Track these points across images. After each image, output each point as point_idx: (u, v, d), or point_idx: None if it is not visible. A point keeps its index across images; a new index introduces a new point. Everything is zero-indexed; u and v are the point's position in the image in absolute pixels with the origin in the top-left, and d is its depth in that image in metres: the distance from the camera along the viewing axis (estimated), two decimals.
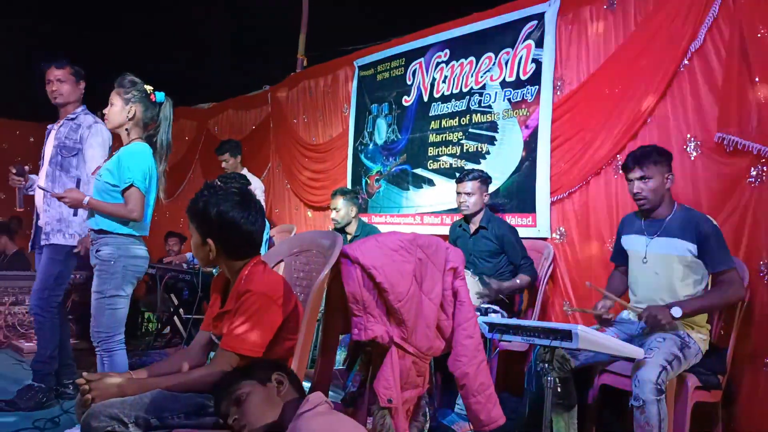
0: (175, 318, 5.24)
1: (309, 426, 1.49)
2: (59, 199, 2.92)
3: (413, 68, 4.92)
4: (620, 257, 3.07)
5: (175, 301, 5.26)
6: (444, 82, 4.63)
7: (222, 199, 1.92)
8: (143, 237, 2.97)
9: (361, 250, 2.14)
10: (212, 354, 2.05)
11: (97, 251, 2.82)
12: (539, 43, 3.97)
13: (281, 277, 2.01)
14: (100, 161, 3.37)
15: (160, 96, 2.98)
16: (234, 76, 7.27)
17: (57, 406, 3.42)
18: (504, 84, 4.19)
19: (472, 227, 3.79)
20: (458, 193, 3.79)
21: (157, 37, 7.79)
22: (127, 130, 2.93)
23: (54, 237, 3.47)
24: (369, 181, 5.29)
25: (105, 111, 2.97)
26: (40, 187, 3.34)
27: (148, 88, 2.97)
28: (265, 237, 4.82)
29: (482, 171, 3.84)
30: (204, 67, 7.85)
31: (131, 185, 2.79)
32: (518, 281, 3.60)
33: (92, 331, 2.84)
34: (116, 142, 3.25)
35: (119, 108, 2.91)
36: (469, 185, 3.73)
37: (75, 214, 3.42)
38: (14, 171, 3.39)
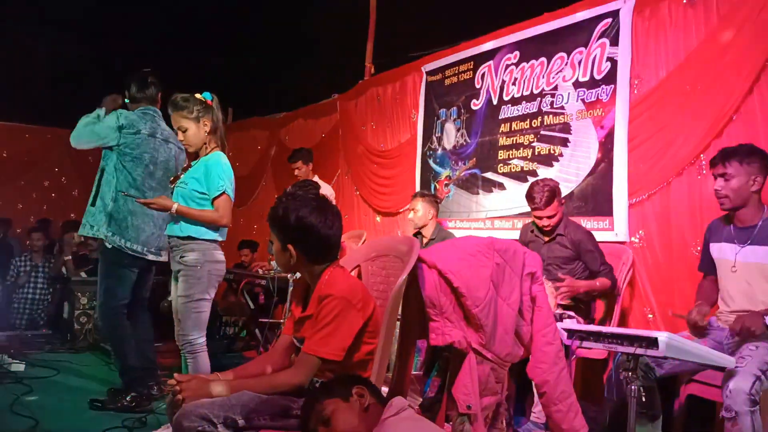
0: (252, 322, 5.37)
1: (395, 431, 1.50)
2: (147, 205, 3.00)
3: (482, 71, 4.88)
4: (709, 266, 2.94)
5: (252, 306, 5.40)
6: (514, 84, 4.58)
7: (300, 205, 1.97)
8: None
9: (438, 254, 2.14)
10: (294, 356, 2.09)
11: (182, 257, 2.93)
12: (614, 41, 3.86)
13: (360, 282, 2.04)
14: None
15: (208, 96, 3.06)
16: (304, 86, 7.41)
17: (144, 407, 3.54)
18: (577, 84, 4.10)
19: (548, 237, 3.69)
20: (539, 218, 3.60)
21: (227, 50, 8.05)
22: (206, 143, 3.04)
23: (99, 230, 3.49)
24: (438, 186, 5.28)
25: (180, 139, 3.06)
26: (124, 193, 3.42)
27: (199, 96, 3.05)
28: None
29: (551, 184, 3.60)
30: (275, 77, 8.04)
31: (223, 193, 2.90)
32: (597, 283, 3.49)
33: (178, 334, 2.95)
34: None
35: (195, 129, 3.00)
36: (548, 210, 3.54)
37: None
38: None
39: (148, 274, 3.72)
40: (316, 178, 5.48)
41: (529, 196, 3.61)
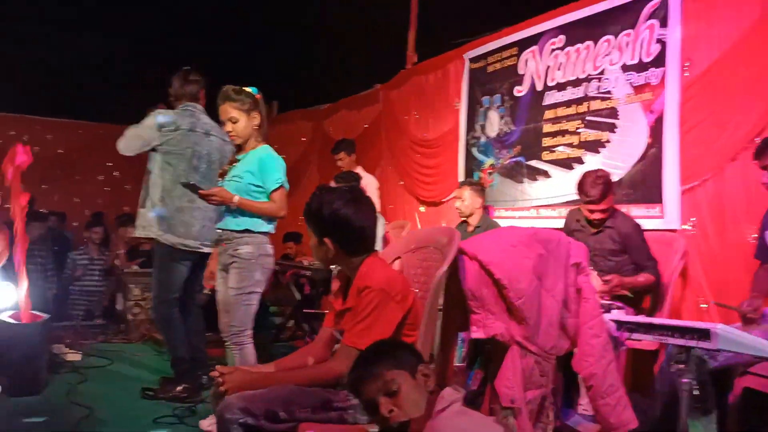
0: (298, 312, 5.43)
1: (453, 428, 1.47)
2: (206, 196, 2.98)
3: (526, 57, 4.78)
4: (765, 254, 2.81)
5: (298, 296, 5.46)
6: (559, 69, 4.46)
7: (334, 198, 1.98)
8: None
9: (479, 245, 2.11)
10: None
11: (236, 250, 2.96)
12: (663, 23, 3.72)
13: (399, 274, 2.03)
14: None
15: (256, 91, 3.07)
16: (346, 77, 7.42)
17: (194, 396, 3.62)
18: (625, 68, 3.96)
19: (595, 228, 3.59)
20: (591, 211, 3.49)
21: (270, 43, 8.11)
22: (252, 136, 3.07)
23: (150, 230, 3.58)
24: (482, 175, 5.21)
25: (228, 129, 3.07)
26: (185, 184, 3.29)
27: (249, 90, 3.06)
28: (381, 233, 4.89)
29: (605, 176, 3.47)
30: (317, 69, 8.07)
31: (281, 186, 2.93)
32: (641, 278, 3.39)
33: (225, 325, 2.99)
34: None
35: (245, 122, 3.01)
36: (603, 204, 3.43)
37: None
38: None
39: (201, 268, 3.78)
40: (359, 169, 5.49)
41: (582, 189, 3.47)
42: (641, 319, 2.63)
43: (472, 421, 1.55)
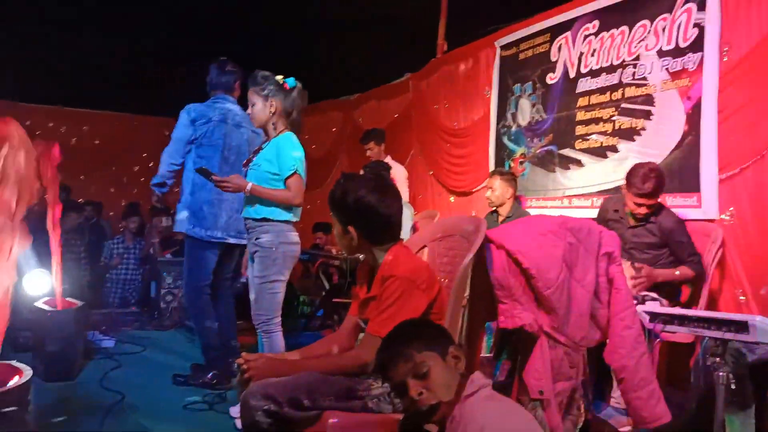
0: (327, 301, 5.45)
1: (483, 413, 1.43)
2: (221, 184, 2.99)
3: (559, 43, 4.68)
4: None
5: (327, 286, 5.47)
6: (592, 55, 4.36)
7: (358, 185, 1.97)
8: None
9: (507, 234, 2.07)
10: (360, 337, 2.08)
11: (257, 239, 2.98)
12: (701, 6, 3.60)
13: (424, 262, 2.00)
14: None
15: (291, 82, 3.07)
16: (376, 66, 7.38)
17: (224, 383, 3.65)
18: (661, 53, 3.85)
19: (635, 222, 3.50)
20: (638, 204, 3.36)
21: (299, 33, 8.10)
22: (273, 124, 3.06)
23: (181, 224, 3.64)
24: (512, 164, 5.14)
25: (248, 111, 3.11)
26: (199, 170, 3.29)
27: (279, 78, 3.06)
28: (410, 223, 4.86)
29: (658, 170, 3.35)
30: (347, 58, 8.05)
31: (295, 172, 2.93)
32: (677, 272, 3.29)
33: (253, 313, 3.01)
34: None
35: (261, 106, 3.03)
36: (654, 199, 3.33)
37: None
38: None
39: (230, 258, 3.82)
40: (388, 159, 5.46)
41: (632, 181, 3.32)
42: (676, 310, 2.55)
43: (502, 407, 1.51)
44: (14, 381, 2.04)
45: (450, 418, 1.50)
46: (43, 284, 3.87)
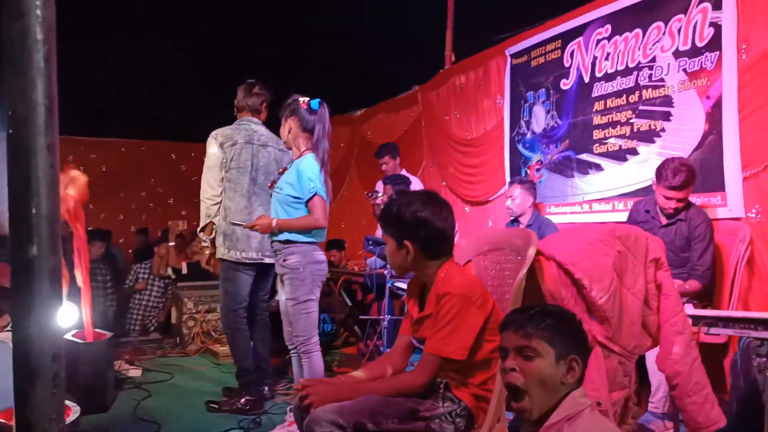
0: (351, 319, 5.43)
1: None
2: (251, 228, 3.06)
3: (571, 49, 4.69)
4: None
5: (350, 303, 5.45)
6: (607, 59, 4.37)
7: (413, 200, 1.96)
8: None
9: (556, 245, 2.06)
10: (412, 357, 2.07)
11: (285, 260, 2.98)
12: (717, 5, 3.61)
13: (477, 278, 1.99)
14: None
15: (314, 104, 3.07)
16: (383, 80, 7.41)
17: (257, 408, 3.62)
18: (678, 54, 3.86)
19: (667, 220, 3.49)
20: (668, 198, 3.38)
21: (303, 49, 8.15)
22: (296, 144, 3.07)
23: (219, 251, 3.67)
24: (529, 172, 5.13)
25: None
26: (232, 222, 3.48)
27: (302, 99, 3.07)
28: None
29: (689, 164, 3.40)
30: (354, 73, 8.08)
31: (315, 194, 2.92)
32: (686, 286, 3.29)
33: (290, 336, 3.00)
34: None
35: (283, 127, 3.09)
36: (684, 192, 3.35)
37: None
38: None
39: (266, 278, 3.82)
40: (403, 172, 5.46)
41: (662, 175, 3.35)
42: (719, 312, 2.54)
43: (597, 424, 1.47)
44: (68, 418, 2.03)
45: None
46: (70, 317, 3.85)
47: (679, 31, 3.84)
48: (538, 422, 1.46)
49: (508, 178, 5.26)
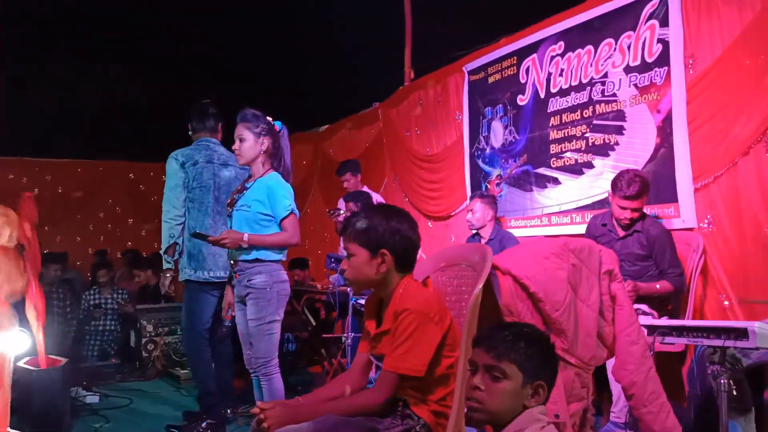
0: (314, 337, 5.38)
1: None
2: (218, 242, 2.95)
3: (526, 65, 4.78)
4: None
5: (313, 322, 5.41)
6: (561, 75, 4.46)
7: (389, 211, 1.99)
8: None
9: (511, 259, 2.08)
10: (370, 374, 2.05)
11: (249, 280, 2.93)
12: (664, 22, 3.73)
13: (434, 294, 1.99)
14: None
15: (278, 125, 3.09)
16: (344, 97, 7.44)
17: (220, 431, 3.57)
18: (628, 69, 3.97)
19: (624, 231, 3.56)
20: (623, 209, 3.46)
21: (264, 66, 8.14)
22: (261, 162, 3.05)
23: (183, 273, 3.63)
24: (489, 186, 5.19)
25: (234, 147, 3.08)
26: (193, 234, 3.35)
27: (269, 119, 3.08)
28: None
29: (643, 175, 3.49)
30: (315, 90, 8.09)
31: (291, 212, 2.91)
32: (657, 286, 3.37)
33: (249, 357, 2.95)
34: None
35: (251, 143, 3.01)
36: (638, 202, 3.43)
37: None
38: None
39: None
40: (365, 188, 5.47)
41: (617, 186, 3.45)
42: (673, 322, 2.60)
43: None
44: None
45: None
46: (22, 344, 3.72)
47: (629, 47, 3.96)
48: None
49: (469, 193, 5.31)
